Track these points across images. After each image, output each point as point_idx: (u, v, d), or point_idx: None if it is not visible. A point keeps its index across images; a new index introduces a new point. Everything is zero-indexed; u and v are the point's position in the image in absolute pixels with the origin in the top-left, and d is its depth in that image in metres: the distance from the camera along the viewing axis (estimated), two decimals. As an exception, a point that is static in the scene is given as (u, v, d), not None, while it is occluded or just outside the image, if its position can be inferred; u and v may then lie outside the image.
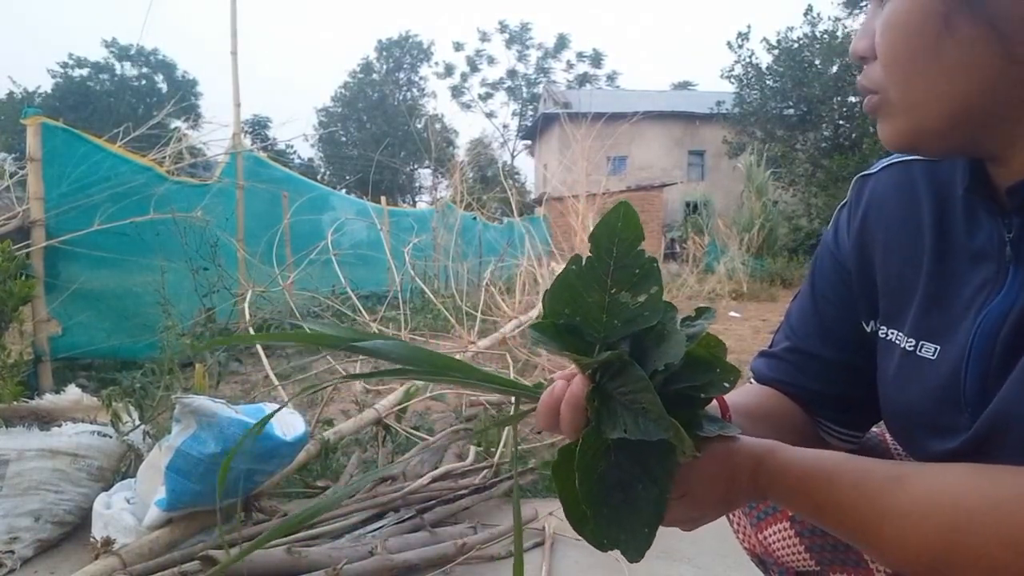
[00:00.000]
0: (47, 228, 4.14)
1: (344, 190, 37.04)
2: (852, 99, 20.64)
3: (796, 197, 20.59)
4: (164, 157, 5.40)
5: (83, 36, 76.16)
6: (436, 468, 2.37)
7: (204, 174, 6.53)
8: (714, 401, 0.71)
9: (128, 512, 1.93)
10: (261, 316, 6.07)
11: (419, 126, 46.08)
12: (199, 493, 1.88)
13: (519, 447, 2.91)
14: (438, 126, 46.04)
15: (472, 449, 2.66)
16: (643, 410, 0.52)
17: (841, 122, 20.91)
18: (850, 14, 20.71)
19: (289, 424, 2.15)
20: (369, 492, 2.14)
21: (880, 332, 0.79)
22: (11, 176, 4.75)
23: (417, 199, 48.46)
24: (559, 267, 8.98)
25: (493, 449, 2.73)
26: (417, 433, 2.99)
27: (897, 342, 0.76)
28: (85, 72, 38.30)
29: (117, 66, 39.45)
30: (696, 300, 11.07)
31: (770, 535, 0.94)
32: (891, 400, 0.78)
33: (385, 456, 2.74)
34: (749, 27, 21.46)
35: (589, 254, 0.56)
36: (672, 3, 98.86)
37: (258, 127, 39.38)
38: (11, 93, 33.74)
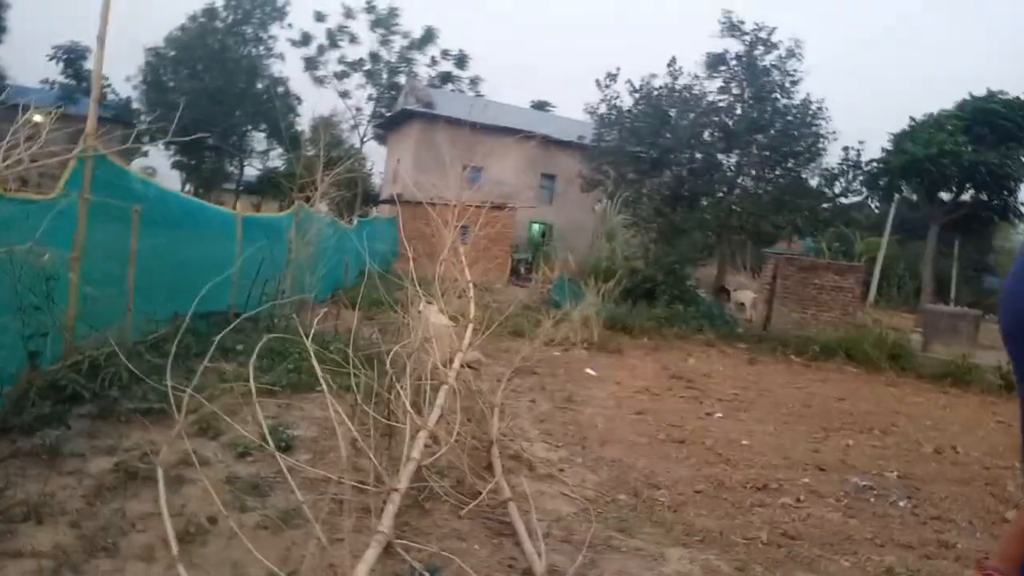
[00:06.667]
0: None
1: (163, 142, 33.48)
2: (698, 155, 21.86)
3: (636, 239, 21.46)
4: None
5: None
6: None
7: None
8: None
9: None
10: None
11: (260, 87, 42.99)
12: None
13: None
14: (280, 89, 43.23)
15: None
16: None
17: (684, 174, 21.99)
18: (708, 75, 21.93)
19: None
20: None
21: None
22: None
23: (247, 163, 45.31)
24: (409, 267, 8.03)
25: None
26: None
27: None
28: None
29: None
30: (553, 347, 11.03)
31: None
32: None
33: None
34: (619, 69, 22.09)
35: None
36: (538, 21, 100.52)
37: (75, 56, 34.74)
38: None
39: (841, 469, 6.32)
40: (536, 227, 28.65)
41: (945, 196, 20.67)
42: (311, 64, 39.70)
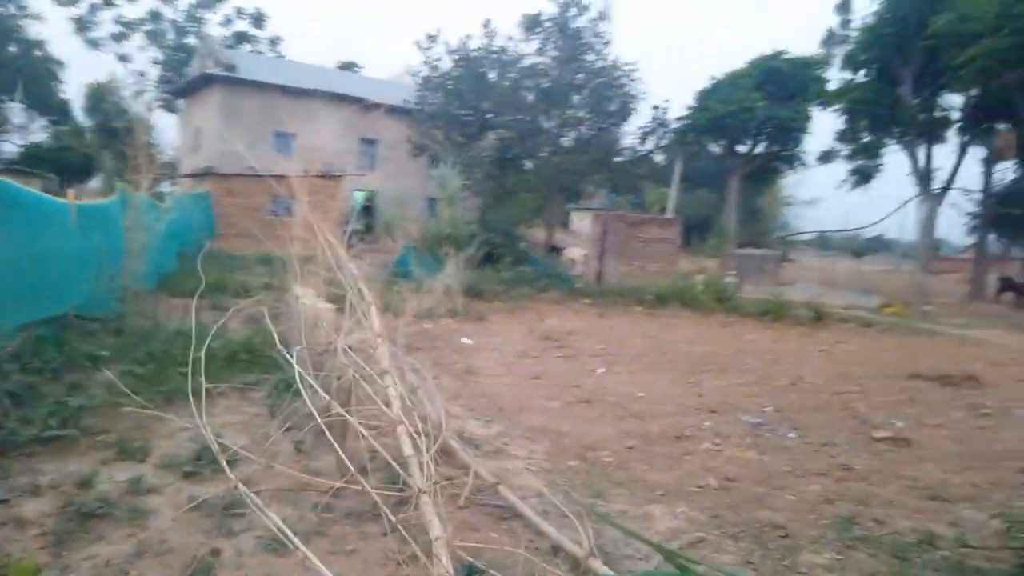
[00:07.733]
0: None
1: None
2: (521, 117, 22.30)
3: (471, 202, 21.67)
4: None
5: None
6: None
7: None
8: None
9: None
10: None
11: (14, 51, 37.41)
12: None
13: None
14: (38, 53, 37.96)
15: None
16: None
17: (510, 136, 22.43)
18: (526, 38, 22.37)
19: None
20: None
21: None
22: None
23: (6, 139, 39.69)
24: (228, 247, 7.37)
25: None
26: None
27: None
28: None
29: None
30: (421, 320, 10.90)
31: None
32: None
33: None
34: (439, 30, 21.89)
35: None
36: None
37: None
38: None
39: (728, 409, 6.97)
40: (360, 195, 27.80)
41: (743, 149, 23.04)
42: (82, 25, 34.97)
